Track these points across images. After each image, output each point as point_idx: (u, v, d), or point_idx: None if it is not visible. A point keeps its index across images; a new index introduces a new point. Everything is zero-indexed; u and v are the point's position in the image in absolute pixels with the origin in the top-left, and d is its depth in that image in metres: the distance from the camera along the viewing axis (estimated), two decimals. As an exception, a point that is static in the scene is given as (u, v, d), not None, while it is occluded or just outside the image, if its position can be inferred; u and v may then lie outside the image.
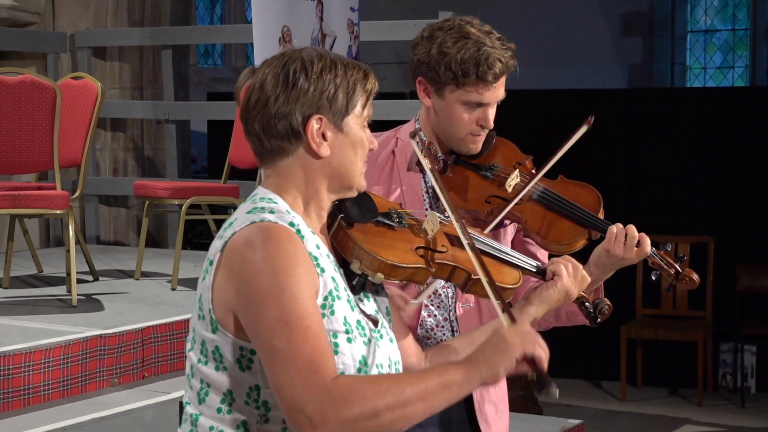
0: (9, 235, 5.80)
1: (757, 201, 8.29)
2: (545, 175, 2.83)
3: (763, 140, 8.28)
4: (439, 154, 2.84)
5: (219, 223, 6.57)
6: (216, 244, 2.11)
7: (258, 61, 5.16)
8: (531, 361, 2.05)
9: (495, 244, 2.46)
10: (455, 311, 2.83)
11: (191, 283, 5.85)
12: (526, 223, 2.78)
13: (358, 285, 2.19)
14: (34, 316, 4.92)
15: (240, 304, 2.02)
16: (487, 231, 2.71)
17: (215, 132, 10.20)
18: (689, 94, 10.10)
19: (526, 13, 12.06)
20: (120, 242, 8.00)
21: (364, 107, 2.17)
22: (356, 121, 2.16)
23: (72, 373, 4.33)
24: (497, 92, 2.74)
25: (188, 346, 2.15)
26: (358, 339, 2.10)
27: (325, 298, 2.07)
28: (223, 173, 6.25)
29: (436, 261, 2.27)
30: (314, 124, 2.11)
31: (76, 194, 5.42)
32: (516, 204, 2.76)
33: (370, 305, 2.22)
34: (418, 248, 2.26)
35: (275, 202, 2.13)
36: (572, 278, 2.44)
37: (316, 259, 2.08)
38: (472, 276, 2.30)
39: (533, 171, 2.84)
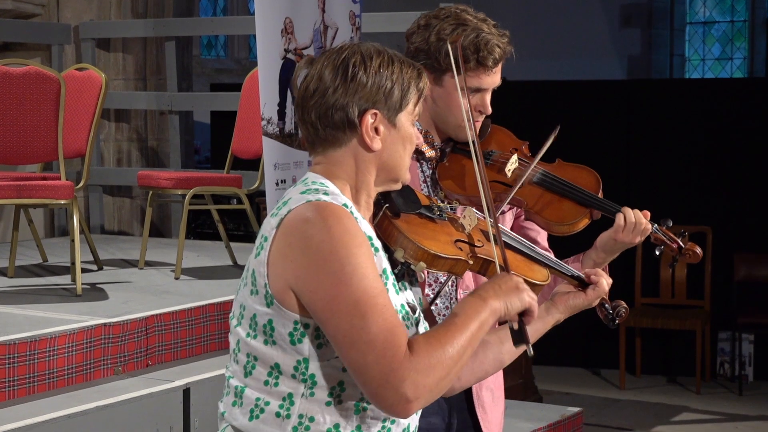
0: (14, 225, 5.82)
1: (755, 191, 8.31)
2: (544, 160, 2.86)
3: (760, 131, 8.30)
4: (437, 143, 2.87)
5: (222, 213, 6.62)
6: (271, 222, 2.14)
7: (260, 52, 5.19)
8: (521, 313, 2.16)
9: (527, 243, 2.53)
10: (456, 299, 2.86)
11: (195, 273, 5.88)
12: (528, 206, 2.82)
13: (400, 273, 2.25)
14: (38, 304, 4.92)
15: (304, 282, 2.07)
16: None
17: (218, 123, 10.25)
18: (688, 86, 10.11)
19: (527, 5, 12.07)
20: (124, 232, 8.04)
21: (415, 105, 2.23)
22: (408, 117, 2.21)
23: (76, 362, 4.33)
24: (495, 77, 2.79)
25: (234, 322, 2.19)
26: (403, 322, 2.15)
27: (380, 275, 2.13)
28: (226, 163, 6.25)
29: (474, 254, 2.34)
30: (369, 119, 2.17)
31: (81, 184, 5.43)
32: (518, 188, 2.79)
33: (409, 294, 2.28)
34: (457, 241, 2.33)
35: (327, 186, 2.18)
36: (604, 293, 2.51)
37: (370, 238, 2.14)
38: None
39: (530, 156, 2.87)
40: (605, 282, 2.50)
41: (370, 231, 2.17)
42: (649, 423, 7.34)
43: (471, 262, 2.32)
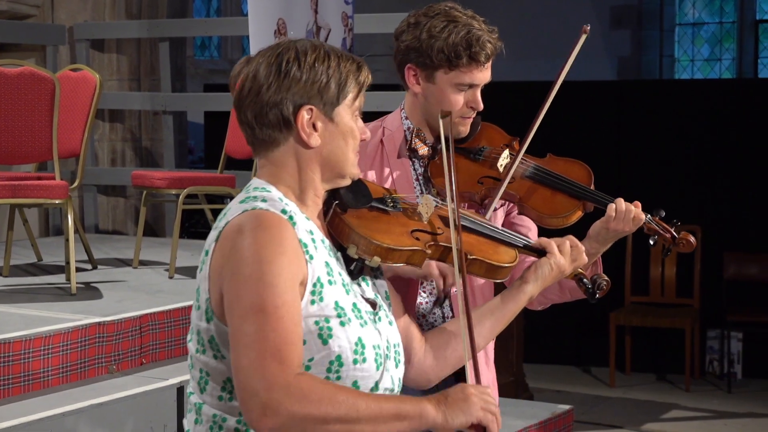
0: (9, 225, 5.82)
1: (744, 190, 8.34)
2: (536, 155, 2.87)
3: (749, 131, 8.33)
4: (428, 141, 2.87)
5: (216, 213, 6.65)
6: (211, 235, 2.12)
7: (254, 53, 5.23)
8: (482, 429, 2.05)
9: (490, 224, 2.51)
10: (449, 298, 2.85)
11: (188, 272, 5.89)
12: (521, 200, 2.82)
13: (356, 270, 2.20)
14: (33, 303, 4.93)
15: (224, 288, 2.04)
16: (488, 214, 2.76)
17: (212, 123, 10.26)
18: (677, 86, 10.12)
19: (517, 6, 12.10)
20: (118, 231, 8.06)
21: (355, 98, 2.18)
22: (347, 111, 2.17)
23: (71, 360, 4.34)
24: (486, 73, 2.79)
25: (188, 336, 2.17)
26: (354, 321, 2.11)
27: (314, 285, 2.08)
28: (220, 163, 6.27)
29: (432, 243, 2.29)
30: (305, 114, 2.12)
31: (75, 184, 5.45)
32: (510, 182, 2.79)
33: (368, 289, 2.24)
34: (413, 231, 2.28)
35: (268, 191, 2.14)
36: (565, 255, 2.46)
37: (305, 246, 2.09)
38: (469, 256, 2.33)
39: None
40: (553, 244, 2.45)
41: (309, 236, 2.12)
42: (638, 420, 7.36)
43: (429, 251, 2.28)
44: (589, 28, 2.92)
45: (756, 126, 8.32)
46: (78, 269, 5.55)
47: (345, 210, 2.21)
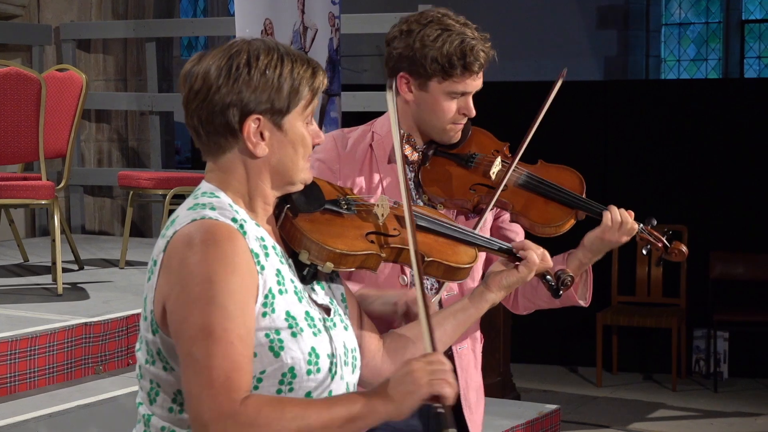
0: (-5, 225, 5.88)
1: (730, 190, 8.37)
2: (526, 161, 2.87)
3: (735, 130, 8.36)
4: (418, 146, 2.86)
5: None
6: (159, 244, 2.04)
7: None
8: (437, 398, 1.94)
9: (450, 222, 2.46)
10: (440, 303, 2.81)
11: (174, 272, 5.90)
12: (514, 208, 2.82)
13: (309, 275, 2.14)
14: (20, 304, 4.93)
15: (170, 303, 1.97)
16: (481, 223, 2.75)
17: (198, 123, 10.23)
18: (664, 86, 10.14)
19: (504, 6, 12.10)
20: (105, 232, 8.05)
21: (308, 104, 2.10)
22: (298, 118, 2.08)
23: (57, 361, 4.34)
24: (479, 81, 2.79)
25: (137, 346, 2.11)
26: (306, 331, 2.05)
27: (266, 297, 2.02)
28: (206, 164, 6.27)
29: (388, 245, 2.23)
30: (252, 125, 2.04)
31: (62, 184, 5.45)
32: (502, 190, 2.78)
33: (322, 294, 2.18)
34: (368, 234, 2.21)
35: (217, 197, 2.07)
36: (537, 268, 2.41)
37: (257, 256, 2.02)
38: (426, 258, 2.28)
39: (511, 156, 2.86)
40: (534, 254, 2.38)
41: (261, 243, 2.05)
42: (625, 420, 7.38)
43: (384, 254, 2.21)
44: (565, 72, 2.91)
45: (742, 126, 8.35)
46: (64, 270, 5.53)
47: (296, 214, 2.14)
